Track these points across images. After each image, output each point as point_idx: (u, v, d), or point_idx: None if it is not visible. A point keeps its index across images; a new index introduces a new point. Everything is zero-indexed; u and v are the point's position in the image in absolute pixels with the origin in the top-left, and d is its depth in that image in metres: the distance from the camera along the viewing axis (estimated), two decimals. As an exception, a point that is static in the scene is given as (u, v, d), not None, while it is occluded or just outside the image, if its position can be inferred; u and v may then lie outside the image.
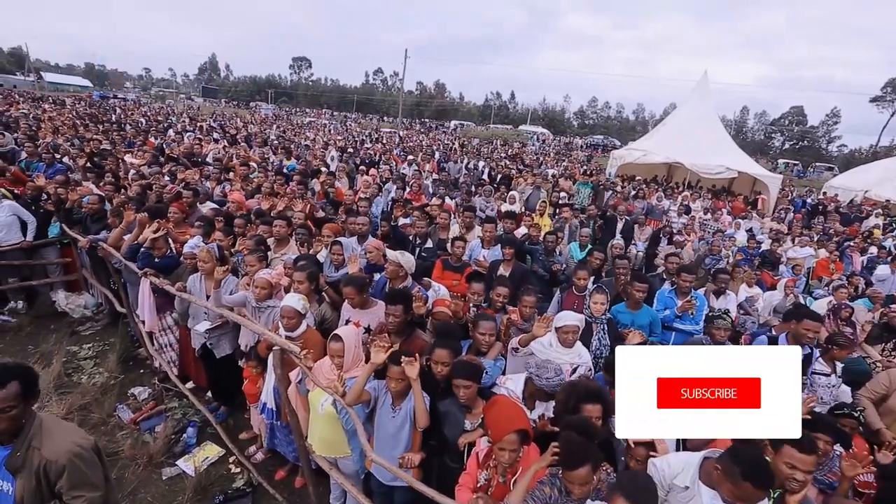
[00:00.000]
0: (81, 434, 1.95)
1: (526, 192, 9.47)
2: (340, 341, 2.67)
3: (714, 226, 10.28)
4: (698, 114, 17.13)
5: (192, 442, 3.79)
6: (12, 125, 12.15)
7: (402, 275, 3.52)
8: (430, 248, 5.42)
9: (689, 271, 4.71)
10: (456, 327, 2.88)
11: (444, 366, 2.54)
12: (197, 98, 61.17)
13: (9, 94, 30.68)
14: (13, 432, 1.77)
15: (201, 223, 4.47)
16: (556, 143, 42.23)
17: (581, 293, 4.41)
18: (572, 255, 5.97)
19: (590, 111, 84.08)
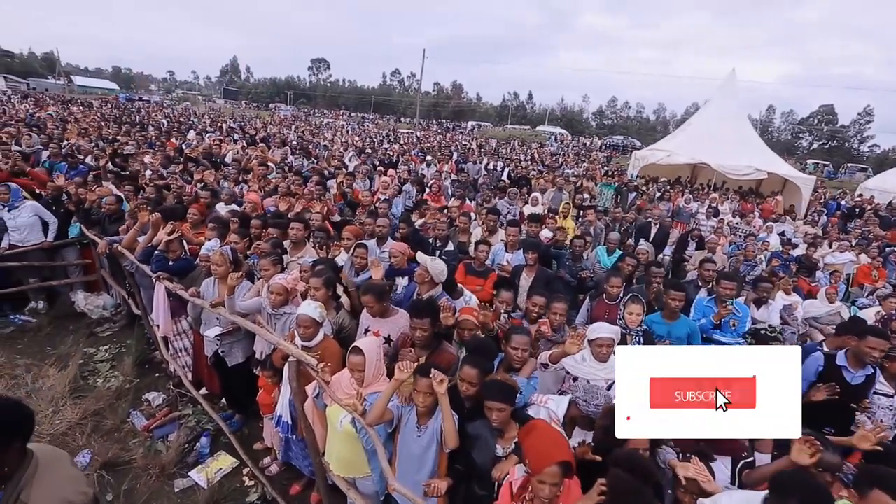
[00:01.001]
0: (80, 486, 1.68)
1: (548, 194, 9.19)
2: (361, 354, 2.48)
3: (745, 229, 9.84)
4: (725, 113, 16.53)
5: (206, 452, 3.66)
6: (41, 126, 12.41)
7: (428, 280, 3.32)
8: (451, 252, 5.22)
9: (731, 279, 4.37)
10: (490, 343, 2.66)
11: (471, 385, 2.32)
12: (218, 100, 62.31)
13: (40, 97, 31.66)
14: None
15: (215, 225, 4.35)
16: (575, 144, 41.58)
17: (613, 302, 4.15)
18: (599, 261, 5.69)
19: (609, 111, 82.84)
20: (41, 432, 3.65)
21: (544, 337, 3.34)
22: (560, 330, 3.55)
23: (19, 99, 28.00)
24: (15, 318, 5.40)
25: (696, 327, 3.96)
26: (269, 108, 55.62)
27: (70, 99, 32.77)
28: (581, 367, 2.98)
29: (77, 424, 3.80)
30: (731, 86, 17.42)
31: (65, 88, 50.10)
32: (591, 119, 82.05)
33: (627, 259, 5.00)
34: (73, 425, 3.77)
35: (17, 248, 5.27)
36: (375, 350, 2.56)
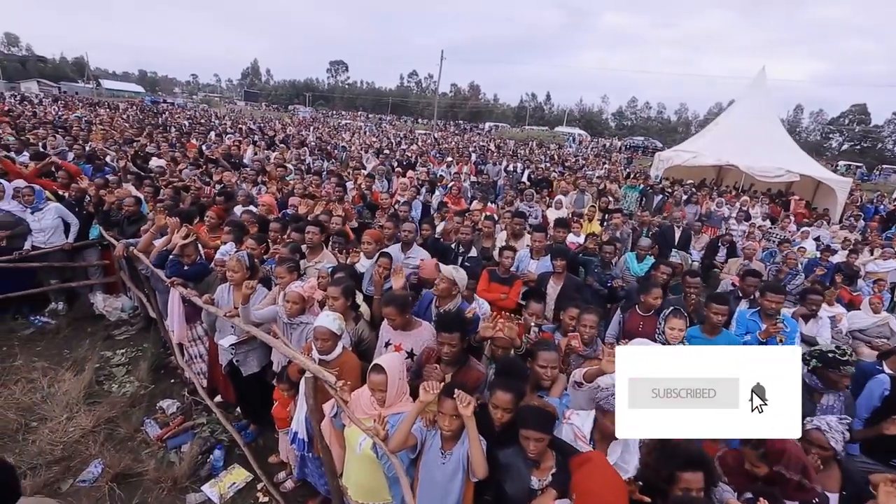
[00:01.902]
0: None
1: (570, 197, 8.90)
2: (383, 373, 2.29)
3: (779, 234, 9.37)
4: (755, 112, 15.93)
5: (220, 465, 3.52)
6: (67, 128, 12.65)
7: (454, 294, 3.11)
8: (474, 258, 5.01)
9: (777, 290, 4.05)
10: (521, 363, 2.43)
11: (506, 412, 2.11)
12: (239, 102, 63.36)
13: (70, 100, 32.62)
14: None
15: (231, 228, 4.23)
16: (594, 145, 40.89)
17: (647, 314, 3.88)
18: (628, 268, 5.40)
19: (628, 112, 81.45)
20: (55, 440, 3.57)
21: (575, 352, 3.11)
22: (592, 344, 3.31)
23: (50, 102, 28.86)
24: (35, 320, 5.39)
25: (741, 344, 3.67)
26: (289, 110, 56.28)
27: (98, 102, 33.66)
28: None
29: (91, 432, 3.71)
30: (761, 84, 16.80)
31: (93, 92, 51.57)
32: (610, 120, 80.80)
33: (661, 267, 4.71)
34: (87, 433, 3.69)
35: (40, 249, 5.26)
36: (399, 368, 2.36)
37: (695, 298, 4.11)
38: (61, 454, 3.47)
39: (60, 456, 3.45)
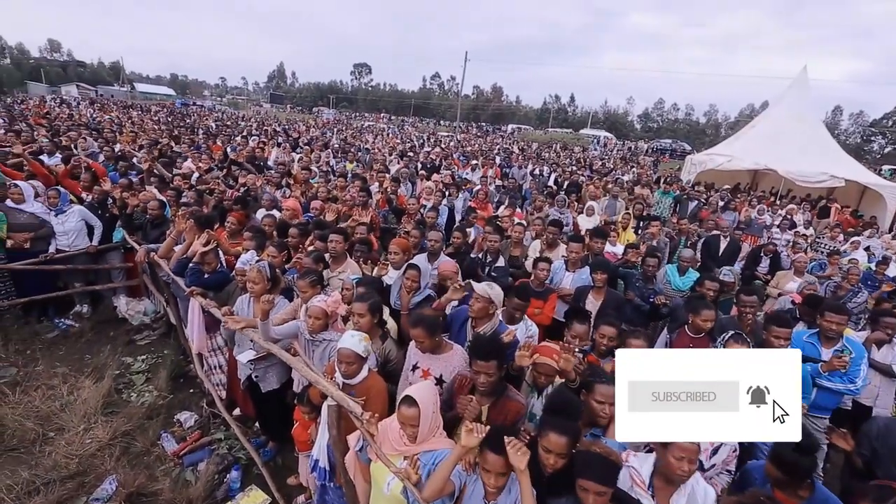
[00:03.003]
0: None
1: (602, 203, 8.51)
2: (415, 406, 2.03)
3: (828, 244, 8.74)
4: (795, 114, 15.10)
5: (237, 486, 3.34)
6: (100, 130, 12.93)
7: (491, 313, 2.83)
8: (501, 267, 4.72)
9: (839, 310, 3.64)
10: (575, 400, 2.14)
11: (560, 457, 1.82)
12: (265, 104, 64.56)
13: (106, 102, 33.78)
14: None
15: (252, 235, 4.06)
16: (620, 148, 39.93)
17: (698, 335, 3.53)
18: (669, 282, 5.02)
19: (655, 114, 79.53)
20: (71, 453, 3.46)
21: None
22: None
23: (86, 104, 29.90)
24: (60, 323, 5.37)
25: (807, 373, 3.28)
26: (313, 112, 57.00)
27: (131, 104, 34.74)
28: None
29: (107, 445, 3.58)
30: (803, 84, 15.94)
31: (128, 95, 53.35)
32: (635, 122, 79.08)
33: (708, 283, 4.33)
34: (103, 446, 3.56)
35: (64, 252, 5.23)
36: (432, 401, 2.10)
37: (752, 319, 3.72)
38: (76, 468, 3.35)
39: (75, 471, 3.32)
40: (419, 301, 3.29)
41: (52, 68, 67.82)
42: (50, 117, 16.92)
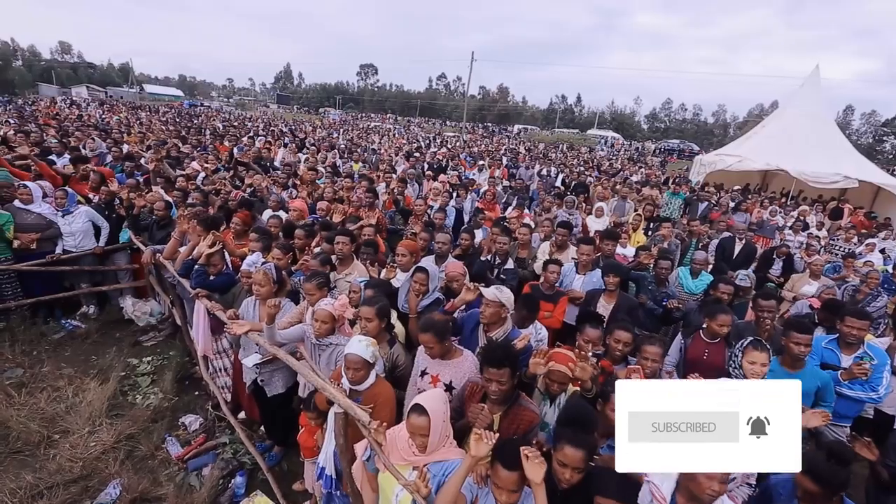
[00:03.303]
0: None
1: (611, 204, 8.39)
2: (425, 415, 1.96)
3: (843, 247, 8.56)
4: (807, 114, 14.85)
5: (241, 492, 3.29)
6: (107, 131, 12.99)
7: (503, 317, 2.75)
8: (510, 270, 4.64)
9: (861, 315, 3.53)
10: (591, 411, 2.06)
11: (575, 472, 1.75)
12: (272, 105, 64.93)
13: (115, 103, 34.12)
14: None
15: (258, 236, 4.01)
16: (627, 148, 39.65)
17: (713, 340, 3.43)
18: (682, 284, 4.91)
19: (662, 114, 79.00)
20: (75, 456, 3.42)
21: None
22: (655, 378, 2.90)
23: (96, 105, 30.18)
24: (66, 323, 5.36)
25: (830, 381, 3.16)
26: (319, 113, 57.21)
27: (139, 105, 35.06)
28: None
29: (111, 448, 3.55)
30: (815, 84, 15.69)
31: (137, 96, 53.86)
32: (642, 122, 78.59)
33: (722, 286, 4.22)
34: (108, 449, 3.52)
35: (71, 253, 5.22)
36: (443, 410, 2.03)
37: (770, 324, 3.61)
38: (80, 472, 3.31)
39: (79, 474, 3.29)
40: (427, 304, 3.21)
41: (62, 70, 68.68)
42: (59, 118, 17.06)
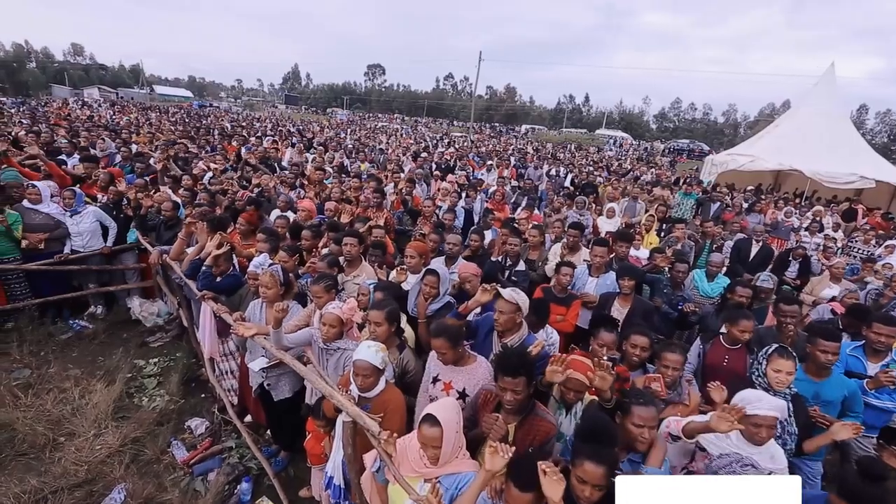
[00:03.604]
0: None
1: (622, 205, 8.25)
2: (438, 426, 1.87)
3: (862, 249, 8.35)
4: (822, 113, 14.56)
5: (247, 499, 3.22)
6: (117, 131, 13.07)
7: (519, 322, 2.66)
8: (521, 272, 4.54)
9: (890, 322, 3.38)
10: (611, 424, 1.96)
11: (595, 489, 1.65)
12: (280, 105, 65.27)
13: (126, 104, 34.45)
14: None
15: (265, 237, 3.94)
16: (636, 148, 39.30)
17: (734, 346, 3.31)
18: (697, 288, 4.79)
19: (671, 113, 78.28)
20: (80, 459, 3.38)
21: (658, 397, 2.60)
22: (675, 387, 2.80)
23: (107, 106, 30.48)
24: (74, 324, 5.35)
25: (857, 389, 3.03)
26: (327, 113, 57.39)
27: (149, 106, 35.36)
28: (723, 445, 2.24)
29: (117, 451, 3.50)
30: (830, 82, 15.40)
31: (147, 97, 54.38)
32: (651, 122, 77.94)
33: (740, 289, 4.10)
34: (113, 453, 3.48)
35: (79, 253, 5.20)
36: (456, 420, 1.94)
37: (793, 331, 3.48)
38: (85, 476, 3.26)
39: (84, 478, 3.24)
40: (438, 308, 3.12)
41: (75, 72, 69.56)
42: (70, 119, 17.21)
